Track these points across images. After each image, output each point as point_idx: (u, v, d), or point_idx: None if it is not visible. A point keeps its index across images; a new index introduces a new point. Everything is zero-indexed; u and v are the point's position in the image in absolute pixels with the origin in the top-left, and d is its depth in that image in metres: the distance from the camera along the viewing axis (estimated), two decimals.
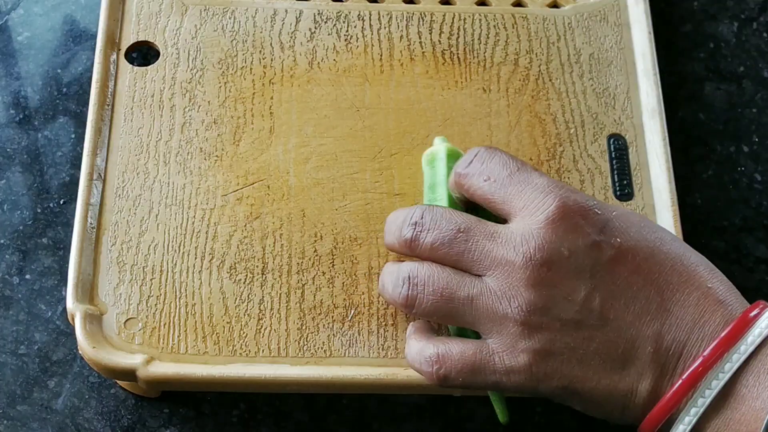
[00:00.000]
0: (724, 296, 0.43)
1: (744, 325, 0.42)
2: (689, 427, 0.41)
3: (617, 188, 0.55)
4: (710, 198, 0.59)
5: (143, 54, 0.58)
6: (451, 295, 0.43)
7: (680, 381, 0.41)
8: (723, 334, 0.41)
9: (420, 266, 0.45)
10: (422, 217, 0.45)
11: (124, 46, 0.57)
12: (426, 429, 0.51)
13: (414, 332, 0.47)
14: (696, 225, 0.58)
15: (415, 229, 0.45)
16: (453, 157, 0.52)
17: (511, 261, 0.42)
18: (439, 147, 0.53)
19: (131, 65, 0.56)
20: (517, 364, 0.42)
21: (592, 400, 0.43)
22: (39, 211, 0.56)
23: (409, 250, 0.46)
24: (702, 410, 0.41)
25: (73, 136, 0.58)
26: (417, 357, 0.45)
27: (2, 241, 0.55)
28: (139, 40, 0.57)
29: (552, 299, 0.42)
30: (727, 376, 0.41)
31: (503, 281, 0.42)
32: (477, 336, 0.45)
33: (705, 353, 0.41)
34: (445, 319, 0.44)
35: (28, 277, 0.54)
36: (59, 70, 0.61)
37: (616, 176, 0.55)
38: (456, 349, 0.44)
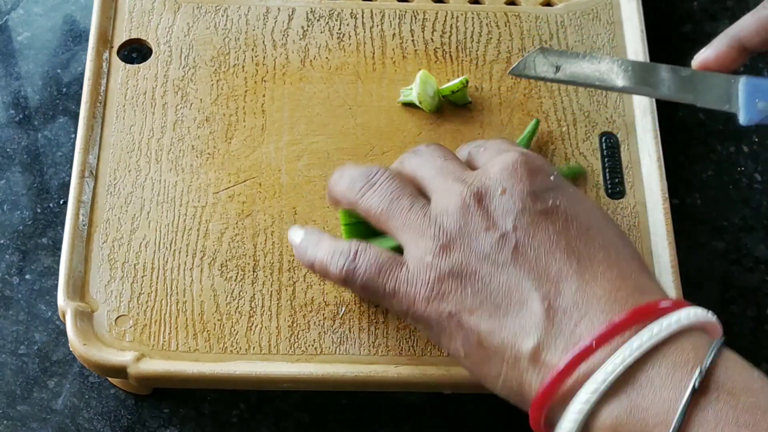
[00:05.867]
0: (646, 287, 0.40)
1: (665, 309, 0.39)
2: (588, 406, 0.38)
3: (609, 186, 0.55)
4: (710, 198, 0.59)
5: (136, 51, 0.58)
6: (399, 196, 0.45)
7: (579, 346, 0.38)
8: (637, 307, 0.39)
9: (380, 172, 0.46)
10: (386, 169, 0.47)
11: (116, 44, 0.57)
12: (426, 429, 0.51)
13: (325, 236, 0.47)
14: (696, 225, 0.58)
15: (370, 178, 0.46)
16: None
17: (456, 179, 0.44)
18: None
19: (123, 63, 0.57)
20: (420, 275, 0.43)
21: (476, 343, 0.41)
22: (39, 211, 0.56)
23: (366, 182, 0.46)
24: (603, 387, 0.37)
25: (72, 136, 0.59)
26: (329, 250, 0.45)
27: (2, 241, 0.55)
28: (132, 37, 0.57)
29: (471, 225, 0.42)
30: (636, 353, 0.37)
31: (443, 198, 0.44)
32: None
33: (615, 320, 0.38)
34: (381, 216, 0.45)
35: (28, 277, 0.54)
36: (59, 70, 0.61)
37: (607, 174, 0.55)
38: (373, 250, 0.45)
